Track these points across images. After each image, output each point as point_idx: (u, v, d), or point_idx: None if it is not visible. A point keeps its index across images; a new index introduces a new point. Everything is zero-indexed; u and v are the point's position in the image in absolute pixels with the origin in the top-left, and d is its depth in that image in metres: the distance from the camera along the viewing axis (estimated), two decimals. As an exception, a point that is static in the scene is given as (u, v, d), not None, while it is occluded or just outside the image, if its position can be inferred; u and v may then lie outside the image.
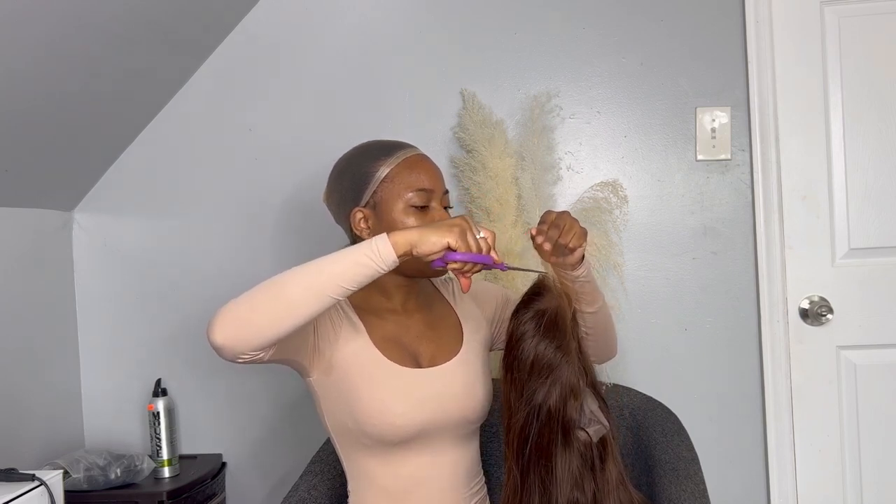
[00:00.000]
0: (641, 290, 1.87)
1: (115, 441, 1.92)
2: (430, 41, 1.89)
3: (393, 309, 1.27)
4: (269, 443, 1.92)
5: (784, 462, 1.83)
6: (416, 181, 1.20)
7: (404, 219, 1.19)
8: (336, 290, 1.01)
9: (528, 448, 1.07)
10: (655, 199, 1.87)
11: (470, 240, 1.03)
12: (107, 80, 1.65)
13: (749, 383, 1.85)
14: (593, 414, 1.09)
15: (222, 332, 0.99)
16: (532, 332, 1.09)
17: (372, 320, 1.23)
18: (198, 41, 1.86)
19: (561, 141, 1.87)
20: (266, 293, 1.00)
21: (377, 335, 1.21)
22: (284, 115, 1.91)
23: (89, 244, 1.94)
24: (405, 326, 1.26)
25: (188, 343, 1.92)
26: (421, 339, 1.26)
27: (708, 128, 1.84)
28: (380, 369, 1.18)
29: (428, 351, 1.25)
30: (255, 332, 0.99)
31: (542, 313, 1.09)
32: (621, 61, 1.87)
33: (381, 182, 1.20)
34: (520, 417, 1.08)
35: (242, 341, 0.99)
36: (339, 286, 1.00)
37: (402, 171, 1.21)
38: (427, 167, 1.23)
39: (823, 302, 1.82)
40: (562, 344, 1.08)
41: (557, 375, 1.07)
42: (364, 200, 1.22)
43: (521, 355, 1.08)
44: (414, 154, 1.24)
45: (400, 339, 1.24)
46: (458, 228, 1.02)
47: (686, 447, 1.40)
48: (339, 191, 1.25)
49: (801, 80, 1.82)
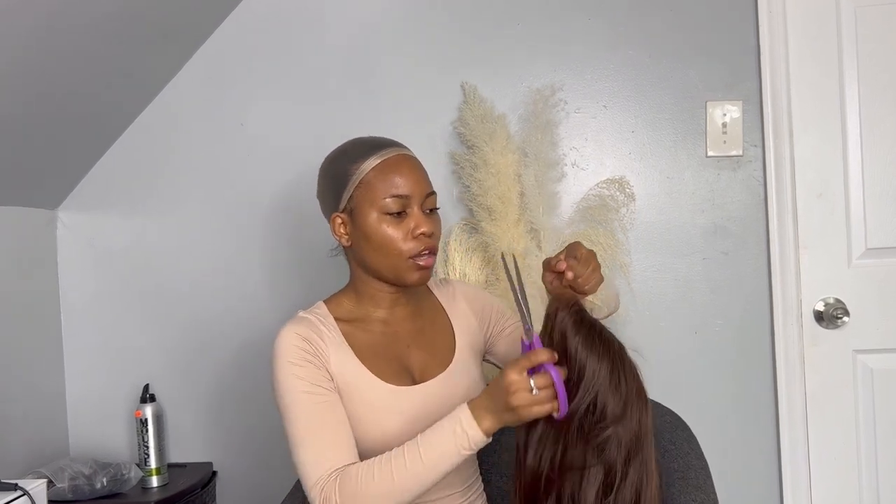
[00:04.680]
0: (649, 292, 1.88)
1: (101, 449, 1.93)
2: (429, 32, 1.90)
3: (381, 318, 1.28)
4: (261, 451, 1.92)
5: (798, 471, 1.84)
6: (392, 187, 1.19)
7: (378, 228, 1.20)
8: (438, 479, 1.10)
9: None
10: (664, 196, 1.88)
11: (543, 397, 1.06)
12: (91, 74, 1.65)
13: (762, 389, 1.86)
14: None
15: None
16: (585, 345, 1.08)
17: (358, 336, 1.24)
18: (187, 33, 1.86)
19: (565, 136, 1.88)
20: (383, 499, 1.09)
21: (364, 352, 1.23)
22: (277, 110, 1.91)
23: (74, 244, 1.94)
24: (393, 338, 1.27)
25: (177, 346, 1.93)
26: (411, 349, 1.27)
27: (719, 122, 1.85)
28: (369, 388, 1.21)
29: (418, 361, 1.26)
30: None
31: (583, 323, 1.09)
32: (629, 53, 1.88)
33: (357, 186, 1.21)
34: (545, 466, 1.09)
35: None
36: (441, 475, 1.10)
37: (379, 175, 1.20)
38: (406, 169, 1.21)
39: (839, 304, 1.83)
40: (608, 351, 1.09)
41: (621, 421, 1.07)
42: (342, 205, 1.23)
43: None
44: (394, 155, 1.22)
45: (388, 351, 1.25)
46: (539, 407, 1.06)
47: (696, 455, 1.41)
48: (323, 192, 1.27)
49: (815, 72, 1.83)
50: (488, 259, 1.81)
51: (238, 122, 1.93)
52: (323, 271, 1.54)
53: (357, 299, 1.28)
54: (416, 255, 1.20)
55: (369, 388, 1.21)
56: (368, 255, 1.22)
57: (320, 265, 1.53)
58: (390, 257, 1.21)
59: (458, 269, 1.80)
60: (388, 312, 1.28)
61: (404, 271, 1.21)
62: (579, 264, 1.14)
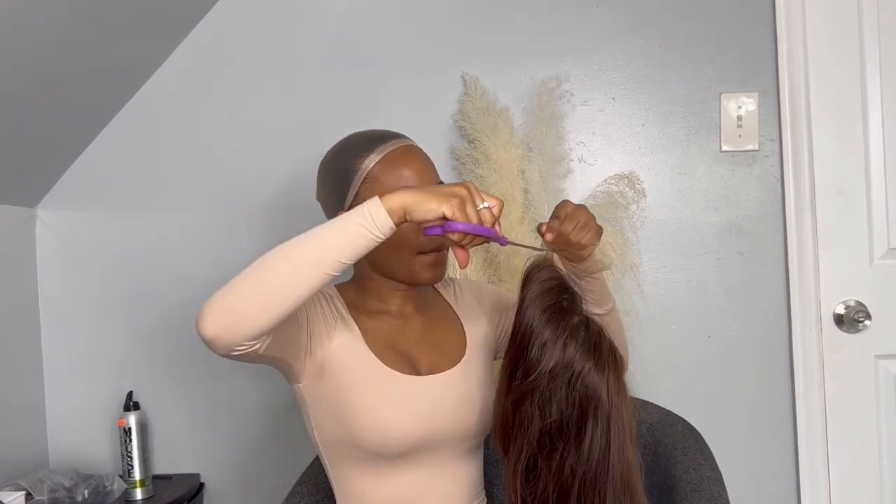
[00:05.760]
0: (660, 294, 1.87)
1: (83, 460, 1.91)
2: (427, 20, 1.89)
3: (389, 312, 1.27)
4: (251, 462, 1.92)
5: (817, 482, 1.83)
6: (400, 179, 1.19)
7: None
8: (329, 265, 0.99)
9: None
10: (676, 193, 1.88)
11: (470, 210, 1.00)
12: (72, 66, 1.64)
13: (779, 396, 1.86)
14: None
15: (212, 325, 0.98)
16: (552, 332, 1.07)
17: (366, 322, 1.24)
18: (173, 20, 1.85)
19: (572, 130, 1.88)
20: (252, 278, 0.99)
21: (372, 338, 1.22)
22: (269, 102, 1.91)
23: (54, 243, 1.93)
24: (402, 331, 1.27)
25: (163, 352, 1.92)
26: (420, 346, 1.27)
27: (733, 115, 1.85)
28: (374, 374, 1.19)
29: (427, 358, 1.26)
30: (246, 322, 0.98)
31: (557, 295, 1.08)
32: (638, 42, 1.87)
33: (364, 182, 1.20)
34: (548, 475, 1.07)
35: (234, 332, 0.98)
36: (332, 260, 0.99)
37: (385, 169, 1.20)
38: (413, 161, 1.22)
39: (860, 307, 1.82)
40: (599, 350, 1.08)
41: (611, 412, 1.06)
42: (348, 202, 1.21)
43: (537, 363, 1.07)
44: (398, 146, 1.22)
45: (397, 344, 1.24)
46: (458, 199, 1.00)
47: (709, 466, 1.40)
48: (325, 190, 1.26)
49: (835, 62, 1.82)
50: (490, 259, 1.80)
51: (227, 114, 1.92)
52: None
53: (364, 295, 1.27)
54: (427, 250, 1.21)
55: (373, 373, 1.19)
56: (379, 253, 1.17)
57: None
58: (403, 254, 1.20)
59: (458, 269, 1.76)
60: (396, 307, 1.28)
61: (417, 269, 1.22)
62: (563, 223, 1.12)
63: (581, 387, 1.06)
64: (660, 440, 1.52)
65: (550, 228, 1.12)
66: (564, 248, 1.15)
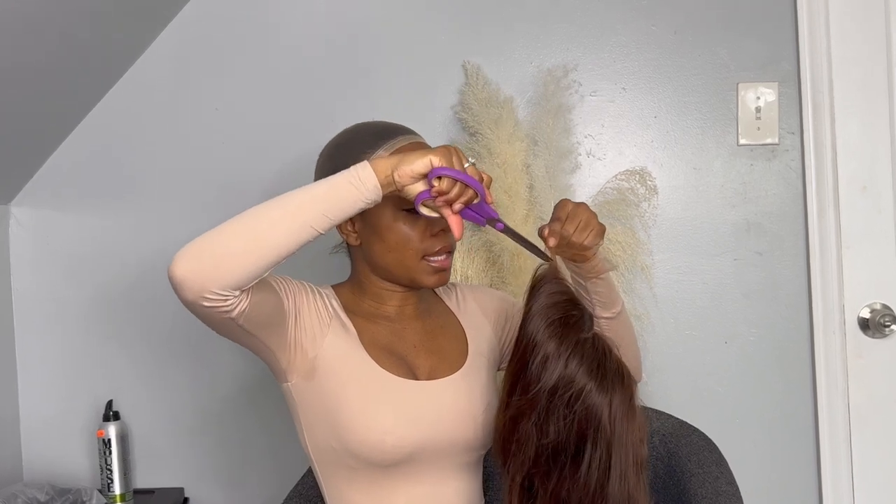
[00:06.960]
0: (674, 297, 1.87)
1: (59, 473, 1.89)
2: (426, 5, 1.88)
3: (386, 314, 1.28)
4: (237, 476, 1.91)
5: (841, 497, 1.83)
6: None
7: (394, 225, 1.19)
8: (312, 216, 1.02)
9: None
10: (690, 190, 1.87)
11: (455, 162, 1.04)
12: (47, 54, 1.62)
13: (800, 405, 1.86)
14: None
15: (184, 264, 1.00)
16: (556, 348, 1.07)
17: (362, 323, 1.24)
18: (154, 7, 1.84)
19: (580, 122, 1.87)
20: (238, 222, 1.03)
21: (368, 339, 1.23)
22: (257, 92, 1.90)
23: (28, 242, 1.91)
24: (400, 334, 1.27)
25: (145, 359, 1.91)
26: (419, 351, 1.27)
27: (752, 107, 1.84)
28: (369, 376, 1.19)
29: (426, 363, 1.26)
30: (223, 265, 1.00)
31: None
32: (651, 29, 1.87)
33: None
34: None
35: (207, 275, 1.00)
36: (317, 212, 1.02)
37: None
38: None
39: (887, 310, 1.82)
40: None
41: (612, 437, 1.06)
42: None
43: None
44: (406, 143, 1.22)
45: (394, 347, 1.25)
46: (444, 149, 1.05)
47: (726, 480, 1.40)
48: None
49: (861, 50, 1.82)
50: (493, 260, 1.79)
51: (212, 106, 1.90)
52: (313, 274, 1.49)
53: (361, 296, 1.28)
54: (431, 254, 1.22)
55: (368, 375, 1.20)
56: (381, 255, 1.23)
57: (310, 266, 1.51)
58: (406, 257, 1.22)
59: (459, 270, 1.79)
60: (395, 311, 1.29)
61: (419, 273, 1.23)
62: (565, 224, 1.14)
63: (581, 407, 1.07)
64: (673, 452, 1.52)
65: (553, 233, 1.13)
66: (567, 249, 1.15)
